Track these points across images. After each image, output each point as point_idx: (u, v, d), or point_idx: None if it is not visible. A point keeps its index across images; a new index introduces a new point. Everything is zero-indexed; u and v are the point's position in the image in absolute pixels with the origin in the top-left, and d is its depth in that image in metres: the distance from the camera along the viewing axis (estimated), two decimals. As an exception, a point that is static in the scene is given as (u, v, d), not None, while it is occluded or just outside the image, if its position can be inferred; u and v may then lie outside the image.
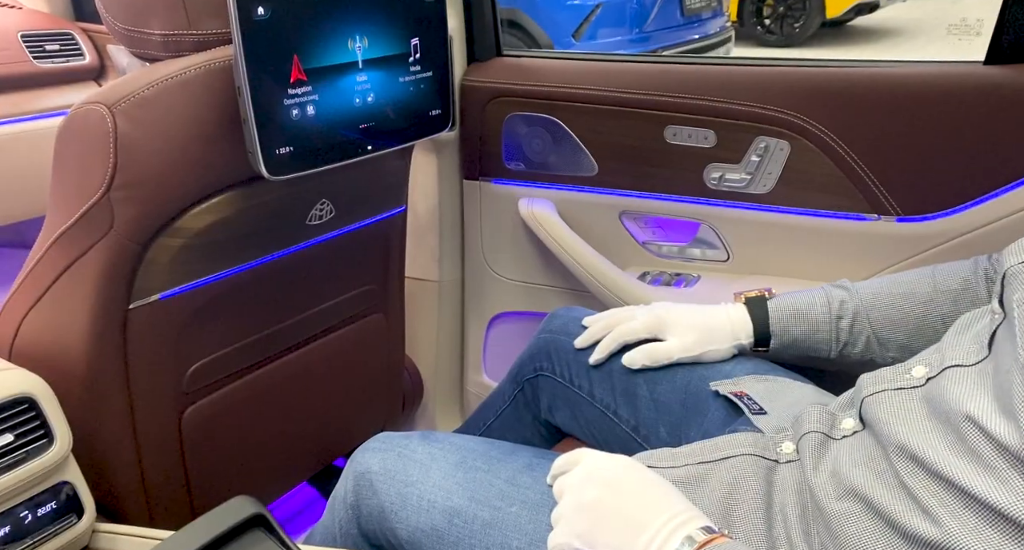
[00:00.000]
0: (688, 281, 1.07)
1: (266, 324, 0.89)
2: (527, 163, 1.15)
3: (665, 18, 3.90)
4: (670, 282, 1.07)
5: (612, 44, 3.86)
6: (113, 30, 0.75)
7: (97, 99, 0.68)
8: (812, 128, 0.96)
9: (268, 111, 0.69)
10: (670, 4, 3.92)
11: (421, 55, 0.82)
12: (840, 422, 0.58)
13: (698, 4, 4.07)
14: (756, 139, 0.99)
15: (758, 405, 0.69)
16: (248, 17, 0.66)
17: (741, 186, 1.02)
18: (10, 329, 0.78)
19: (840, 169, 0.96)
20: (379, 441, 0.72)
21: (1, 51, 1.28)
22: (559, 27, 3.82)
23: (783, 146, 0.98)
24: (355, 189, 0.89)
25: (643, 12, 3.85)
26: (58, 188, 0.72)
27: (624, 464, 0.55)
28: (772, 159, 0.99)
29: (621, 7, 3.79)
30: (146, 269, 0.73)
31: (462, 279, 1.28)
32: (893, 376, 0.57)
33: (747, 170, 1.01)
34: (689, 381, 0.78)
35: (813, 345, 0.77)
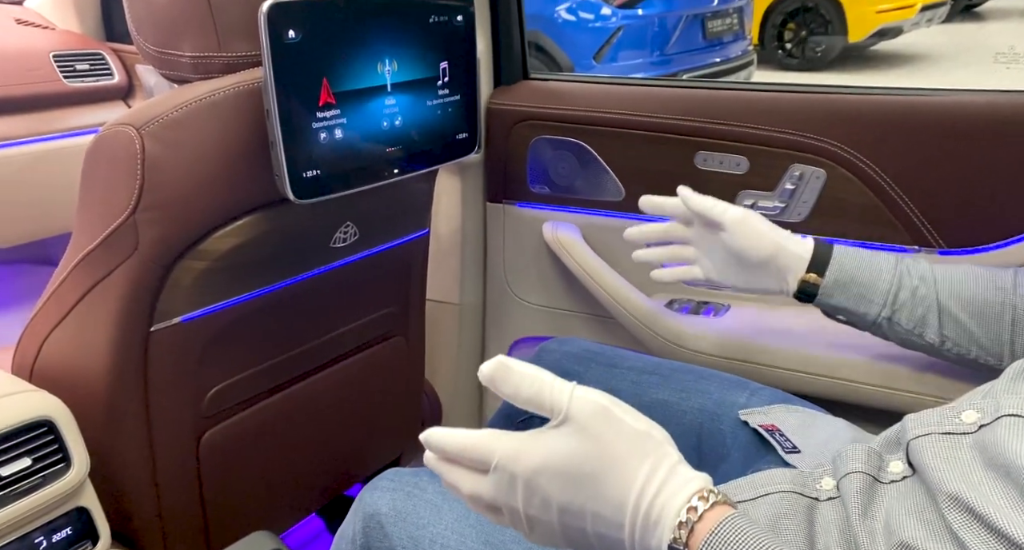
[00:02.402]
0: (718, 310, 1.05)
1: (287, 347, 0.88)
2: (552, 187, 1.14)
3: (687, 41, 3.92)
4: (698, 311, 1.05)
5: (633, 66, 3.88)
6: (144, 52, 0.76)
7: (126, 121, 0.68)
8: (850, 156, 0.94)
9: (296, 134, 0.69)
10: (692, 27, 3.94)
11: (449, 79, 0.81)
12: (888, 464, 0.56)
13: (720, 27, 4.08)
14: (791, 167, 0.97)
15: (791, 443, 0.66)
16: (279, 40, 0.65)
17: (774, 214, 1.00)
18: (32, 349, 0.77)
19: (879, 199, 0.93)
20: (388, 479, 0.70)
21: (33, 71, 1.31)
22: (580, 49, 3.85)
23: (819, 174, 0.96)
24: (379, 212, 0.88)
25: (664, 35, 3.87)
26: (84, 209, 0.72)
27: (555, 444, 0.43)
28: (807, 187, 0.97)
29: (642, 30, 3.82)
30: (169, 291, 0.73)
31: (483, 302, 1.27)
32: (940, 419, 0.54)
33: (781, 198, 0.99)
34: (702, 423, 0.75)
35: (868, 293, 0.72)
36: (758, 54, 4.59)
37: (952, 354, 0.74)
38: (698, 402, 0.76)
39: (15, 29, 1.39)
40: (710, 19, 4.00)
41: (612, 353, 0.86)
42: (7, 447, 0.61)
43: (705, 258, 0.81)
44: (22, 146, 1.29)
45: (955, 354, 0.73)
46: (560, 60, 3.87)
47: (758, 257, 0.76)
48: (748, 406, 0.73)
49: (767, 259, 0.75)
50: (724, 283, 0.80)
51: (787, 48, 5.88)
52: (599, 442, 0.43)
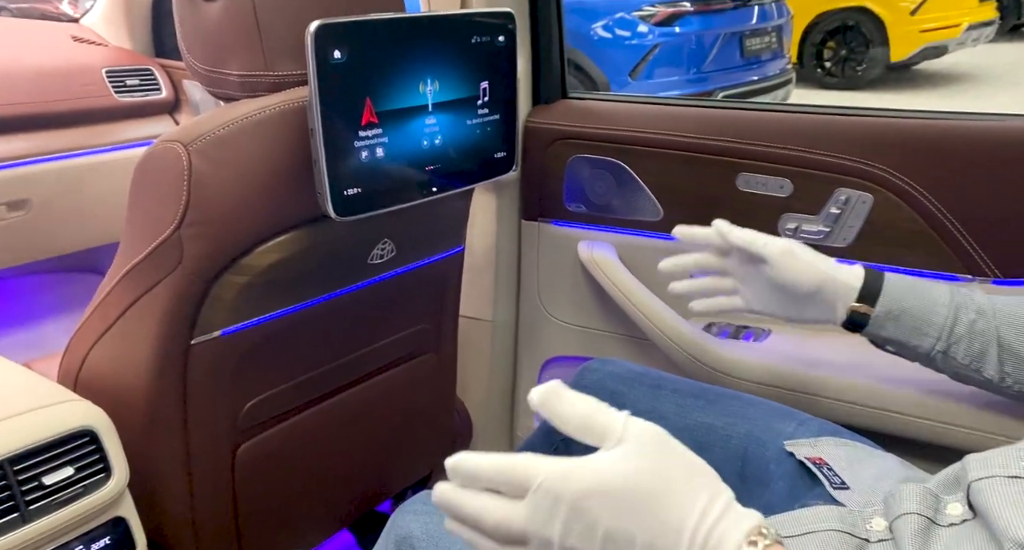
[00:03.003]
0: (758, 335, 1.03)
1: (322, 362, 0.89)
2: (588, 205, 1.13)
3: (724, 59, 3.90)
4: (738, 335, 1.03)
5: (669, 84, 3.87)
6: (193, 70, 0.77)
7: (174, 137, 0.69)
8: (898, 181, 0.91)
9: (339, 153, 0.69)
10: (729, 45, 3.91)
11: (490, 98, 0.82)
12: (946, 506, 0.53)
13: (758, 46, 4.06)
14: (836, 190, 0.95)
15: (840, 478, 0.64)
16: (325, 60, 0.66)
17: (818, 238, 0.98)
18: (77, 359, 0.79)
19: (930, 226, 0.91)
20: (420, 502, 0.69)
21: (86, 86, 1.35)
22: (616, 66, 3.85)
23: (865, 199, 0.94)
24: (416, 229, 0.89)
25: (702, 53, 3.85)
26: (131, 223, 0.74)
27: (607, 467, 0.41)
28: (853, 212, 0.95)
29: (679, 48, 3.81)
30: (210, 305, 0.74)
31: (516, 320, 1.26)
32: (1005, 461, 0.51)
33: (825, 222, 0.97)
34: (747, 448, 0.73)
35: (922, 326, 0.69)
36: (797, 72, 4.55)
37: (1013, 391, 0.70)
38: (744, 428, 0.75)
39: (71, 46, 1.43)
40: (748, 37, 3.97)
41: (656, 375, 0.85)
42: (51, 456, 0.62)
43: (746, 288, 0.79)
44: (74, 159, 1.33)
45: (1016, 391, 0.70)
46: (596, 77, 3.88)
47: (805, 289, 0.73)
48: (795, 437, 0.71)
49: (814, 290, 0.73)
50: (767, 313, 0.78)
51: (826, 67, 5.81)
52: (657, 465, 0.41)
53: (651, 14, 3.76)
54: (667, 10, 3.76)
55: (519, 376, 1.29)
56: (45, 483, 0.61)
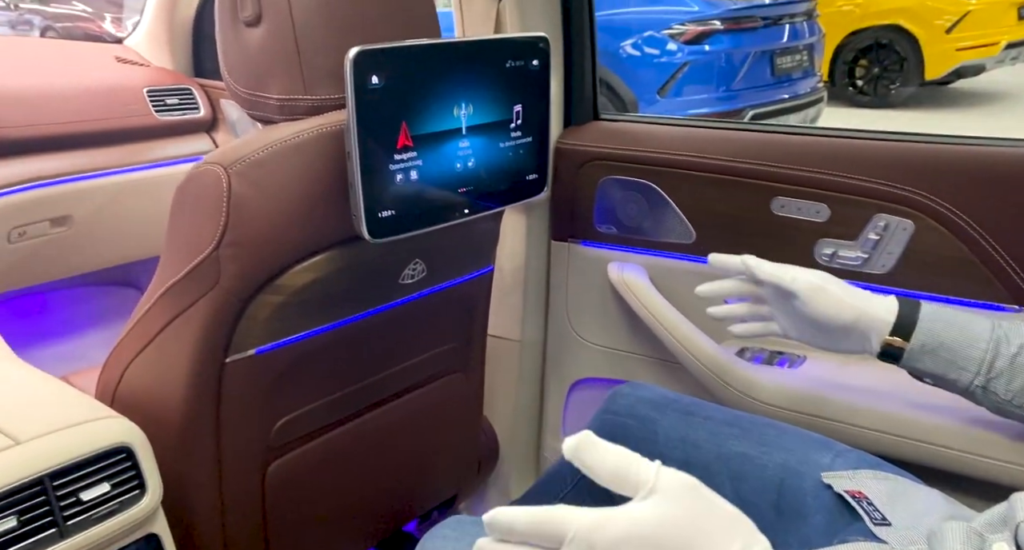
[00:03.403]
0: (793, 361, 1.01)
1: (352, 380, 0.89)
2: (619, 227, 1.13)
3: (754, 77, 3.88)
4: (772, 361, 1.01)
5: (698, 101, 3.86)
6: (234, 93, 0.79)
7: (214, 160, 0.71)
8: (940, 208, 0.90)
9: (374, 175, 0.70)
10: (760, 64, 3.90)
11: (523, 121, 0.82)
12: (991, 546, 0.51)
13: (789, 64, 4.04)
14: (875, 216, 0.94)
15: (880, 514, 0.62)
16: (363, 86, 0.67)
17: (856, 264, 0.96)
18: (115, 375, 0.80)
19: (974, 254, 0.89)
20: (450, 527, 0.69)
21: (128, 105, 1.39)
22: (644, 84, 3.85)
23: (905, 225, 0.92)
24: (447, 249, 0.89)
25: (732, 71, 3.84)
26: (171, 243, 0.75)
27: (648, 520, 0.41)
28: (893, 238, 0.93)
29: (709, 65, 3.80)
30: (245, 324, 0.75)
31: (544, 340, 1.26)
32: None
33: (864, 248, 0.95)
34: (783, 479, 0.71)
35: (959, 360, 0.68)
36: (828, 91, 4.51)
37: None
38: (780, 457, 0.73)
39: (115, 66, 1.48)
40: (779, 56, 3.96)
41: (689, 401, 0.84)
42: (89, 472, 0.63)
43: (781, 317, 0.78)
44: (113, 176, 1.37)
45: None
46: (624, 95, 3.88)
47: (838, 323, 0.72)
48: (832, 468, 0.69)
49: (847, 325, 0.72)
50: (803, 341, 0.77)
51: (858, 85, 5.74)
52: (689, 514, 0.41)
53: (680, 32, 3.77)
54: (697, 28, 3.76)
55: (546, 397, 1.28)
56: (83, 499, 0.62)
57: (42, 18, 7.68)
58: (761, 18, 3.89)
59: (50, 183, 1.29)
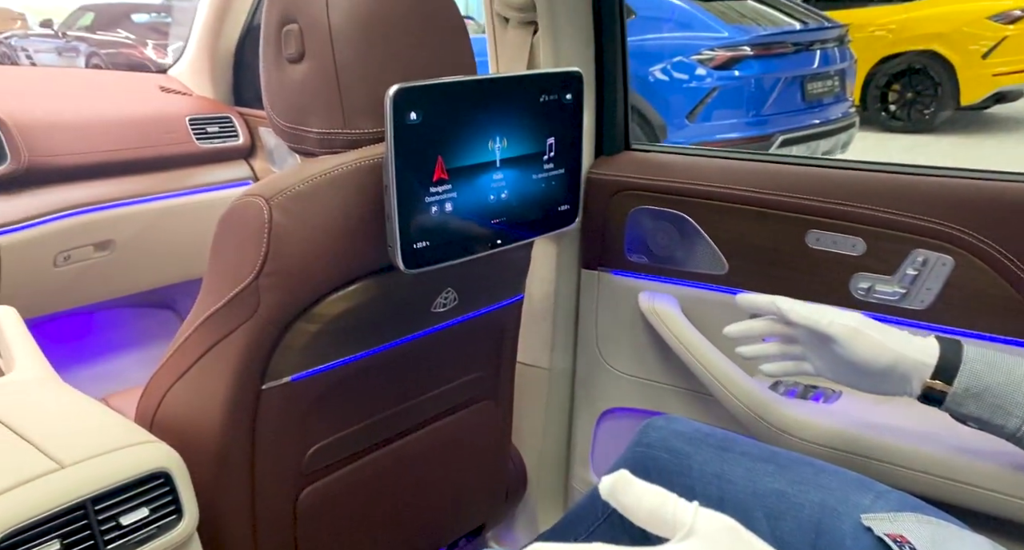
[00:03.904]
0: (828, 396, 0.99)
1: (383, 408, 0.90)
2: (650, 256, 1.13)
3: (785, 102, 3.86)
4: (806, 395, 0.99)
5: (727, 126, 3.85)
6: (276, 126, 0.81)
7: (257, 192, 0.72)
8: (982, 245, 0.88)
9: (410, 208, 0.71)
10: (791, 89, 3.89)
11: (555, 153, 0.83)
12: None
13: (820, 89, 4.01)
14: (913, 251, 0.92)
15: None
16: (402, 121, 0.68)
17: (894, 299, 0.94)
18: (155, 399, 0.82)
19: (1017, 291, 0.86)
20: None
21: (170, 133, 1.43)
22: (673, 109, 3.86)
23: (945, 261, 0.90)
24: (478, 278, 0.90)
25: (762, 96, 3.83)
26: (213, 272, 0.77)
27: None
28: (932, 274, 0.91)
29: (738, 90, 3.79)
30: (282, 352, 0.76)
31: (573, 368, 1.25)
32: None
33: (901, 283, 0.93)
34: (821, 519, 0.69)
35: (1005, 405, 0.65)
36: (860, 115, 4.47)
37: None
38: (817, 497, 0.71)
39: (159, 96, 1.53)
40: (810, 81, 3.94)
41: (723, 436, 0.82)
42: (129, 496, 0.65)
43: (815, 358, 0.76)
44: (154, 202, 1.40)
45: None
46: (652, 119, 3.90)
47: (876, 368, 0.71)
48: (873, 510, 0.67)
49: (887, 369, 0.70)
50: (839, 383, 0.75)
51: (891, 110, 5.68)
52: None
53: (710, 58, 3.78)
54: (726, 54, 3.76)
55: (575, 426, 1.27)
56: (122, 523, 0.63)
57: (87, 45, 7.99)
58: (792, 44, 3.88)
59: (95, 209, 1.33)
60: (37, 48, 8.34)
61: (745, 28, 3.88)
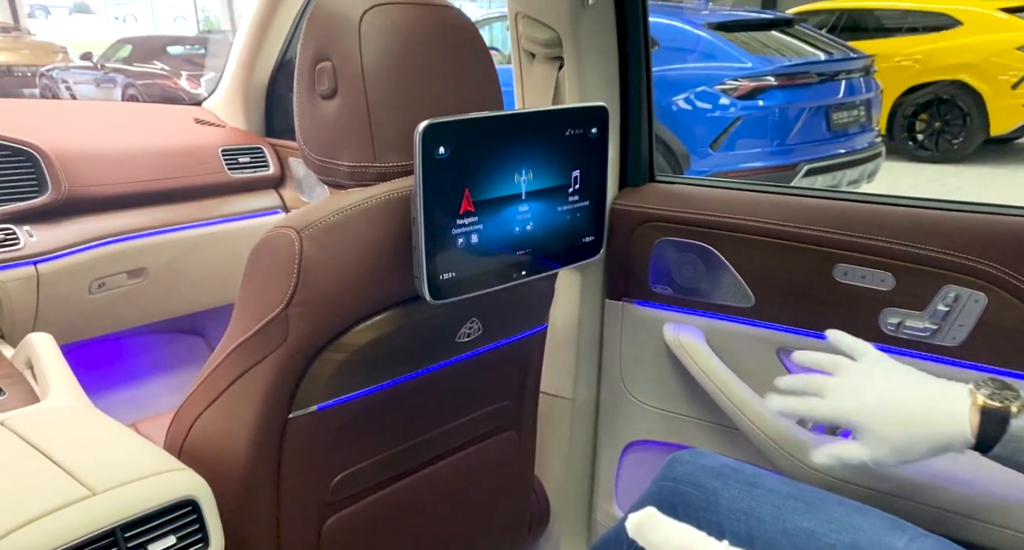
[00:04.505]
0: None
1: (407, 437, 0.90)
2: (675, 288, 1.12)
3: (809, 132, 3.87)
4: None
5: (751, 155, 3.85)
6: (308, 160, 0.83)
7: (288, 224, 0.74)
8: (1017, 282, 0.86)
9: (437, 240, 0.72)
10: (815, 119, 3.89)
11: (581, 186, 0.83)
12: None
13: (846, 119, 4.01)
14: (944, 287, 0.90)
15: None
16: (430, 156, 0.70)
17: (924, 336, 0.93)
18: (185, 427, 0.83)
19: None
20: None
21: (204, 164, 1.47)
22: (696, 138, 3.88)
23: (978, 298, 0.89)
24: (503, 308, 0.90)
25: (786, 125, 3.84)
26: (244, 301, 0.78)
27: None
28: (963, 311, 0.89)
29: (763, 120, 3.81)
30: (309, 381, 0.76)
31: (597, 399, 1.24)
32: None
33: (932, 319, 0.92)
34: None
35: None
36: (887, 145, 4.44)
37: None
38: (848, 538, 0.69)
39: (193, 127, 1.57)
40: (835, 111, 3.94)
41: (751, 472, 0.81)
42: (157, 524, 0.65)
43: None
44: (186, 230, 1.43)
45: None
46: (675, 148, 3.91)
47: (915, 456, 0.66)
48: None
49: (920, 447, 0.65)
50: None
51: (919, 139, 5.64)
52: None
53: (733, 87, 3.80)
54: (750, 84, 3.78)
55: (599, 458, 1.25)
56: (150, 551, 0.64)
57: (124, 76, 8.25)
58: (816, 74, 3.89)
59: (130, 237, 1.36)
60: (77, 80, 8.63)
61: (769, 59, 3.90)
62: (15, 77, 9.73)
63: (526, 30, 1.10)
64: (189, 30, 16.54)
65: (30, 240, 1.24)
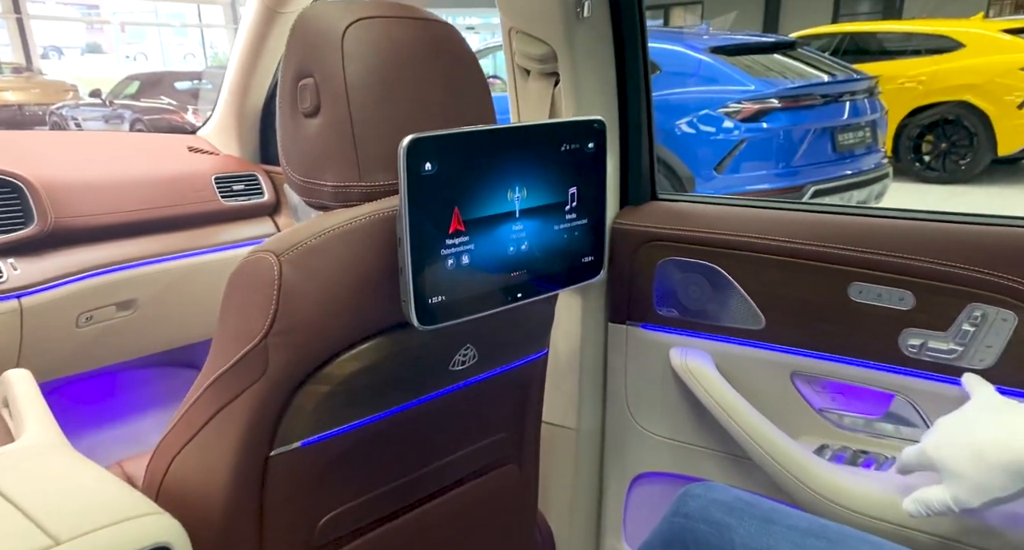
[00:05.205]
0: (880, 462, 0.91)
1: (400, 474, 0.85)
2: (681, 310, 1.08)
3: (815, 154, 3.86)
4: (856, 461, 0.92)
5: (757, 178, 3.84)
6: (291, 180, 0.80)
7: (267, 248, 0.70)
8: None
9: (425, 261, 0.68)
10: (821, 140, 3.88)
11: (578, 203, 0.80)
12: None
13: (851, 141, 4.00)
14: (969, 305, 0.86)
15: None
16: (416, 173, 0.66)
17: (950, 358, 0.88)
18: (162, 467, 0.78)
19: None
20: None
21: (197, 192, 1.44)
22: (701, 161, 3.89)
23: (1006, 316, 0.84)
24: (499, 334, 0.86)
25: (791, 147, 3.84)
26: (222, 332, 0.74)
27: None
28: (991, 330, 0.84)
29: (767, 142, 3.81)
30: (291, 416, 0.72)
31: (602, 429, 1.20)
32: None
33: (957, 340, 0.87)
34: None
35: None
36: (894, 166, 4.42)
37: None
38: None
39: (186, 156, 1.55)
40: (840, 132, 3.94)
41: (768, 506, 0.76)
42: (123, 573, 0.60)
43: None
44: (177, 260, 1.40)
45: None
46: (680, 171, 3.90)
47: (985, 494, 0.66)
48: None
49: (1000, 483, 0.65)
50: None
51: (926, 160, 5.62)
52: None
53: (736, 110, 3.81)
54: (753, 106, 3.79)
55: (606, 491, 1.20)
56: (114, 602, 0.59)
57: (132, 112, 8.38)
58: (820, 95, 3.89)
59: (118, 268, 1.33)
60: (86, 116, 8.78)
61: (772, 81, 3.91)
62: (27, 115, 9.92)
63: (520, 46, 1.07)
64: (199, 66, 16.87)
65: (13, 273, 1.21)
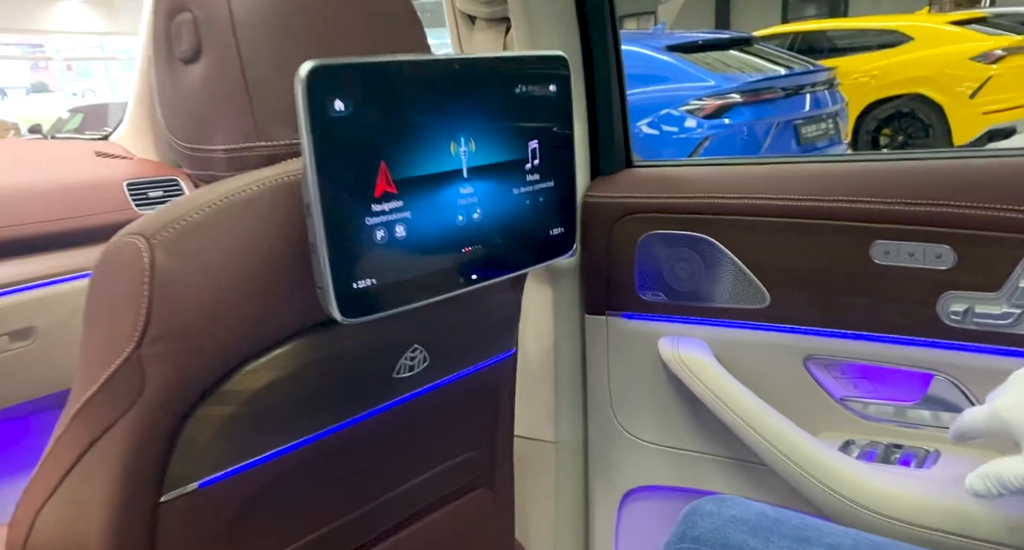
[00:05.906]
0: (920, 459, 0.82)
1: (341, 511, 0.74)
2: (669, 293, 0.99)
3: (779, 147, 4.00)
4: (890, 458, 0.83)
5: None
6: (177, 151, 0.68)
7: (134, 229, 0.57)
8: None
9: (344, 234, 0.55)
10: (784, 134, 4.02)
11: (540, 161, 0.68)
12: None
13: (815, 133, 4.15)
14: None
15: None
16: (323, 114, 0.53)
17: (1003, 324, 0.78)
18: (23, 531, 0.65)
19: None
20: None
21: (104, 201, 1.32)
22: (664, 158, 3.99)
23: None
24: (455, 330, 0.75)
25: (755, 142, 3.95)
26: (85, 345, 0.61)
27: None
28: None
29: (731, 138, 3.93)
30: (183, 449, 0.60)
31: (585, 440, 1.12)
32: None
33: (1012, 301, 0.77)
34: None
35: None
36: (855, 158, 4.60)
37: None
38: None
39: (92, 161, 1.44)
40: (803, 125, 4.09)
41: (799, 522, 0.65)
42: None
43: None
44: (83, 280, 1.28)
45: None
46: (643, 171, 4.03)
47: None
48: None
49: None
50: None
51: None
52: None
53: (699, 107, 3.92)
54: (715, 102, 3.90)
55: (593, 512, 1.14)
56: None
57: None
58: (781, 89, 4.06)
59: (11, 291, 1.19)
60: (25, 153, 8.72)
61: (732, 76, 4.06)
62: (-36, 157, 9.80)
63: None
64: (148, 101, 17.13)
65: None
